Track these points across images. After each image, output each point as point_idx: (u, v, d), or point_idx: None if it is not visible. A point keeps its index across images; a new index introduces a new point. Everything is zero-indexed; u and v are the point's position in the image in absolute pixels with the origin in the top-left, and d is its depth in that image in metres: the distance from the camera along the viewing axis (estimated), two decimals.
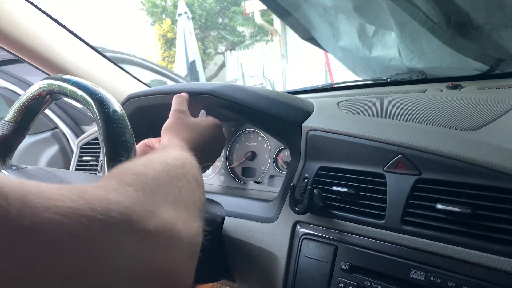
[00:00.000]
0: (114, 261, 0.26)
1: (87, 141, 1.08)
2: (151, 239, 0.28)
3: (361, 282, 0.52)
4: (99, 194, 0.27)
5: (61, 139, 1.51)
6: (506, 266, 0.41)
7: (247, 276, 0.74)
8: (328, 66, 5.43)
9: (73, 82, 0.54)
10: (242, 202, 0.73)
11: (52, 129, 1.52)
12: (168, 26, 9.37)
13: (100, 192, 0.27)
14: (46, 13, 1.01)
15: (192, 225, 0.35)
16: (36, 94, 0.61)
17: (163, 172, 0.36)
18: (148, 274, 0.28)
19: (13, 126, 0.64)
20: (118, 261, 0.26)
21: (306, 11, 1.24)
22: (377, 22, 1.07)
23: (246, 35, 8.74)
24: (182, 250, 0.32)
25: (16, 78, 1.50)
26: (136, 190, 0.30)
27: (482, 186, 0.45)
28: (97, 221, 0.25)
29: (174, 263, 0.31)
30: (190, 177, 0.41)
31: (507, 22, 0.82)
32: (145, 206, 0.30)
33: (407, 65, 1.05)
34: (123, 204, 0.28)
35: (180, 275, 0.32)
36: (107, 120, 0.49)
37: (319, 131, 0.63)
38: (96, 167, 1.02)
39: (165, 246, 0.30)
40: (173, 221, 0.32)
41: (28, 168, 0.66)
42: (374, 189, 0.55)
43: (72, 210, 0.24)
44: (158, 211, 0.31)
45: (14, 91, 1.50)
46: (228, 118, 0.93)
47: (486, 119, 0.54)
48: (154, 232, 0.29)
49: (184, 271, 0.32)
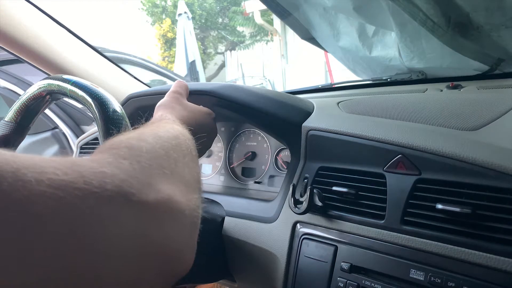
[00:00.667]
0: (111, 235, 0.25)
1: (87, 141, 1.08)
2: (149, 212, 0.28)
3: (361, 282, 0.52)
4: (93, 167, 0.26)
5: (61, 139, 1.51)
6: (506, 266, 0.41)
7: (247, 276, 0.74)
8: (328, 66, 5.43)
9: (73, 82, 0.54)
10: (242, 202, 0.73)
11: (52, 129, 1.51)
12: (168, 26, 9.37)
13: (95, 165, 0.27)
14: (46, 13, 1.01)
15: (191, 196, 0.34)
16: (36, 94, 0.61)
17: (157, 144, 0.35)
18: (148, 248, 0.27)
19: (13, 126, 0.64)
20: (115, 235, 0.25)
21: (306, 11, 1.24)
22: (377, 22, 1.07)
23: (246, 35, 8.75)
24: (183, 223, 0.31)
25: (16, 78, 1.50)
26: (131, 163, 0.29)
27: (482, 186, 0.45)
28: (92, 194, 0.24)
29: (175, 236, 0.30)
30: (185, 148, 0.39)
31: (507, 22, 0.82)
32: (142, 178, 0.29)
33: (407, 65, 1.05)
34: (119, 177, 0.27)
35: (182, 248, 0.31)
36: (107, 120, 0.49)
37: (319, 131, 0.63)
38: None
39: (165, 218, 0.29)
40: (171, 192, 0.31)
41: None
42: (374, 189, 0.55)
43: (66, 183, 0.23)
44: (155, 183, 0.30)
45: (14, 91, 1.50)
46: (228, 118, 0.93)
47: (486, 119, 0.54)
48: (152, 205, 0.28)
49: (185, 245, 0.31)
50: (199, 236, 0.35)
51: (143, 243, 0.27)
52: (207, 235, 0.69)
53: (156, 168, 0.31)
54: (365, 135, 0.57)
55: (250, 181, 0.89)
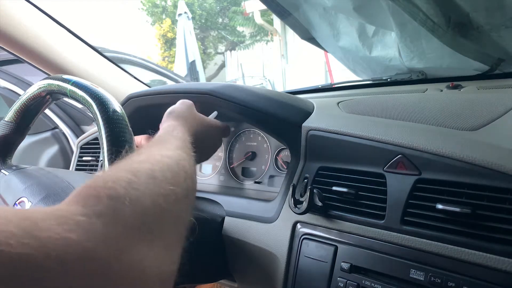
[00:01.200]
0: None
1: (87, 141, 1.08)
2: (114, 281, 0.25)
3: (361, 282, 0.52)
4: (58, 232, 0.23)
5: (61, 139, 1.51)
6: (506, 266, 0.41)
7: (247, 276, 0.74)
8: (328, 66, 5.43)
9: (73, 82, 0.54)
10: (242, 202, 0.73)
11: (52, 129, 1.51)
12: (168, 26, 9.37)
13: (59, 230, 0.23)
14: (46, 13, 1.01)
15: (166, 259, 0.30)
16: (36, 94, 0.61)
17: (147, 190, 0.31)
18: None
19: (13, 126, 0.64)
20: None
21: (306, 11, 1.24)
22: (377, 22, 1.07)
23: (246, 35, 8.76)
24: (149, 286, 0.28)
25: (16, 78, 1.50)
26: (105, 224, 0.26)
27: (482, 186, 0.45)
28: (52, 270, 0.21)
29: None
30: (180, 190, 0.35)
31: (507, 22, 0.83)
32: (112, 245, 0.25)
33: (407, 65, 1.05)
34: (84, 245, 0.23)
35: None
36: (107, 120, 0.49)
37: (319, 131, 0.63)
38: (96, 167, 1.02)
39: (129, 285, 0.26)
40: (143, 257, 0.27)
41: (28, 168, 0.66)
42: (374, 189, 0.55)
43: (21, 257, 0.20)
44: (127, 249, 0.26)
45: (14, 91, 1.50)
46: (228, 118, 0.93)
47: (486, 119, 0.54)
48: (117, 275, 0.25)
49: None
50: (199, 236, 0.34)
51: None
52: (207, 235, 0.69)
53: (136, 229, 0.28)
54: (365, 135, 0.57)
55: (250, 181, 0.89)
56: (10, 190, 0.61)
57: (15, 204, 0.57)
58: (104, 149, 0.48)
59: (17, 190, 0.59)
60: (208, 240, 0.70)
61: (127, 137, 0.49)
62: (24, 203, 0.56)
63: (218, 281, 0.80)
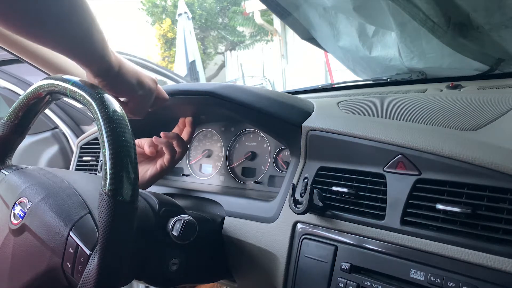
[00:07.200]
0: None
1: (87, 141, 1.08)
2: None
3: (361, 282, 0.52)
4: None
5: (61, 139, 1.51)
6: (506, 266, 0.41)
7: (247, 276, 0.74)
8: (328, 66, 5.43)
9: (73, 82, 0.54)
10: (242, 202, 0.73)
11: (52, 129, 1.51)
12: (168, 26, 9.37)
13: None
14: None
15: None
16: (36, 94, 0.60)
17: None
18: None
19: (13, 126, 0.64)
20: None
21: (306, 11, 1.24)
22: (377, 22, 1.07)
23: (246, 35, 8.75)
24: None
25: (16, 78, 1.50)
26: None
27: (482, 186, 0.45)
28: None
29: None
30: None
31: (507, 22, 0.83)
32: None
33: (407, 65, 1.05)
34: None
35: None
36: (107, 120, 0.49)
37: (319, 131, 0.63)
38: (96, 167, 1.02)
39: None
40: None
41: (28, 168, 0.66)
42: (374, 189, 0.55)
43: None
44: None
45: (14, 91, 1.50)
46: (228, 118, 0.93)
47: (486, 119, 0.54)
48: None
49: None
50: (199, 236, 0.34)
51: None
52: (207, 235, 0.69)
53: None
54: (365, 135, 0.57)
55: (250, 181, 0.89)
56: (10, 190, 0.61)
57: (15, 204, 0.57)
58: (104, 149, 0.48)
59: (17, 190, 0.59)
60: (208, 240, 0.70)
61: (127, 137, 0.49)
62: (24, 203, 0.56)
63: (218, 281, 0.80)
